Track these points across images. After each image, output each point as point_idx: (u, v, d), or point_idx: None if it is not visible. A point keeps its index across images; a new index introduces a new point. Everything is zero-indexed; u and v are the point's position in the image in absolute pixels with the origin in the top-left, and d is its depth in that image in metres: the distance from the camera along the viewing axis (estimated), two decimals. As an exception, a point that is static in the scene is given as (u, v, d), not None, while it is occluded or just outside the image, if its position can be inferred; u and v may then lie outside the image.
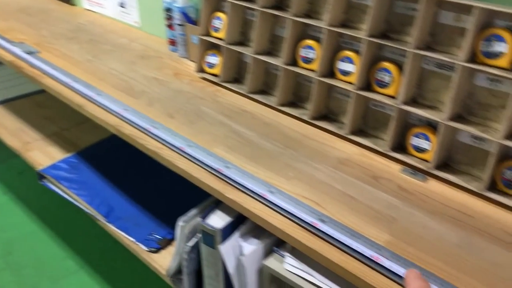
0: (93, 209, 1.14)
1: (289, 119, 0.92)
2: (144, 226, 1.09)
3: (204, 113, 0.94)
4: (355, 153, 0.81)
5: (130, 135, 0.86)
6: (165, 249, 1.04)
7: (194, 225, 0.80)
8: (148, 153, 0.84)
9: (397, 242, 0.61)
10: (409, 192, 0.71)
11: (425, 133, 0.75)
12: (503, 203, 0.67)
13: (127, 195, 1.19)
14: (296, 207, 0.66)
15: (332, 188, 0.72)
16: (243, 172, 0.74)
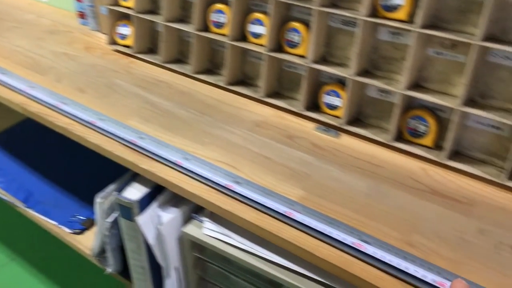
0: (11, 195, 1.08)
1: (206, 87, 0.91)
2: (66, 208, 1.05)
3: (117, 85, 0.90)
4: (271, 115, 0.82)
5: (38, 113, 0.81)
6: (90, 230, 1.02)
7: (112, 201, 0.78)
8: (58, 130, 0.80)
9: (310, 196, 0.62)
10: (322, 148, 0.72)
11: (335, 90, 0.76)
12: (409, 151, 0.70)
13: (47, 178, 1.14)
14: (211, 172, 0.66)
15: (248, 151, 0.72)
16: (158, 141, 0.72)
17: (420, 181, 0.65)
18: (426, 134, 0.69)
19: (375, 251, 0.52)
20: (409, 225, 0.57)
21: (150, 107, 0.83)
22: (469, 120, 0.67)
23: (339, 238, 0.54)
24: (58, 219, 1.02)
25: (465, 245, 0.54)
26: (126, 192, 0.72)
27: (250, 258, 0.63)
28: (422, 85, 0.70)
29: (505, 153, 0.64)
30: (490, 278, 0.49)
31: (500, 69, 0.63)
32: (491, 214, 0.59)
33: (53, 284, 1.33)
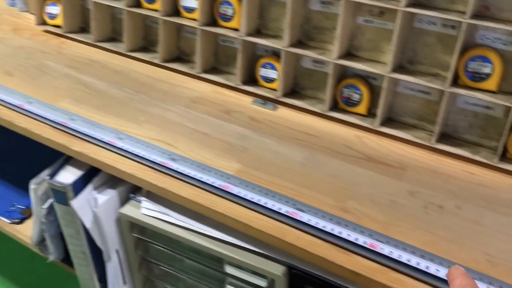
0: None
1: (141, 65, 0.88)
2: (3, 197, 1.01)
3: (47, 67, 0.87)
4: (208, 90, 0.80)
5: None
6: (30, 219, 0.98)
7: (46, 186, 0.75)
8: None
9: (247, 169, 0.62)
10: (260, 122, 0.72)
11: (271, 63, 0.76)
12: (344, 120, 0.71)
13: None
14: (147, 150, 0.64)
15: (184, 127, 0.71)
16: (90, 122, 0.70)
17: (354, 148, 0.66)
18: (360, 102, 0.70)
19: (309, 218, 0.53)
20: (344, 192, 0.58)
21: (83, 87, 0.80)
22: (399, 87, 0.68)
23: (274, 208, 0.54)
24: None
25: (396, 207, 0.55)
26: (59, 176, 0.69)
27: (189, 235, 0.62)
28: (354, 54, 0.71)
29: (434, 117, 0.66)
30: (418, 237, 0.51)
31: (426, 35, 0.64)
32: (421, 176, 0.61)
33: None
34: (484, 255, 0.49)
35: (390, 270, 0.48)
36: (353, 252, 0.50)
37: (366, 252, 0.49)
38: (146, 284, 0.74)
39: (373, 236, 0.50)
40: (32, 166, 1.08)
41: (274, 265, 0.57)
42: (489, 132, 0.64)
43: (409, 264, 0.47)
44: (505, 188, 0.60)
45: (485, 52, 0.60)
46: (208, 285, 0.67)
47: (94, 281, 0.77)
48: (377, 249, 0.49)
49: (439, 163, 0.63)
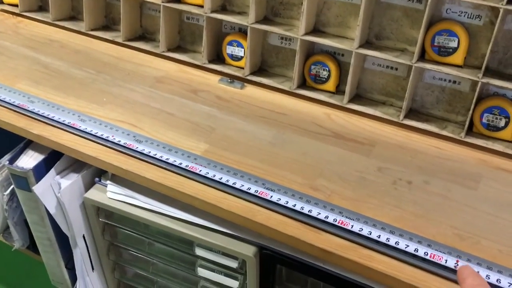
0: None
1: (103, 44, 0.85)
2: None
3: (3, 47, 0.82)
4: (173, 69, 0.78)
5: None
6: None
7: (7, 172, 0.72)
8: None
9: (214, 149, 0.61)
10: (227, 101, 0.71)
11: (238, 40, 0.74)
12: (313, 98, 0.70)
13: None
14: (110, 132, 0.62)
15: (149, 108, 0.69)
16: (50, 104, 0.67)
17: (323, 126, 0.66)
18: (328, 79, 0.69)
19: (279, 197, 0.52)
20: (313, 170, 0.57)
21: (42, 68, 0.77)
22: (367, 62, 0.68)
23: (243, 188, 0.53)
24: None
25: (366, 184, 0.55)
26: (19, 161, 0.67)
27: (158, 218, 0.60)
28: (321, 30, 0.70)
29: (402, 93, 0.66)
30: (387, 213, 0.51)
31: (392, 9, 0.64)
32: (390, 152, 0.61)
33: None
34: (452, 229, 0.50)
35: (360, 247, 0.47)
36: (323, 230, 0.49)
37: (336, 230, 0.49)
38: (115, 269, 0.73)
39: (343, 214, 0.50)
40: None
41: (245, 246, 0.56)
42: (456, 107, 0.65)
43: (378, 241, 0.47)
44: (472, 162, 0.60)
45: (451, 26, 0.60)
46: (179, 268, 0.66)
47: (61, 268, 0.75)
48: (347, 226, 0.49)
49: (407, 138, 0.63)
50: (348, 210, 0.51)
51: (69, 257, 0.73)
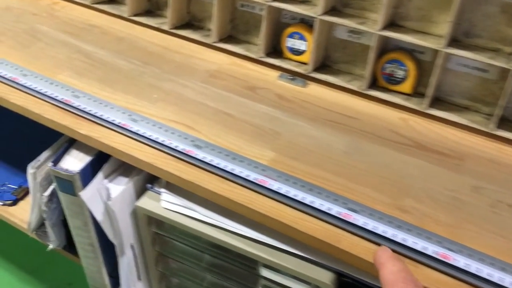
0: None
1: (147, 31, 0.78)
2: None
3: (40, 32, 0.76)
4: (226, 62, 0.71)
5: None
6: (24, 200, 0.90)
7: (47, 171, 0.67)
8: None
9: (283, 159, 0.54)
10: (289, 100, 0.64)
11: (300, 32, 0.67)
12: (386, 100, 0.63)
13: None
14: (166, 135, 0.56)
15: (204, 107, 0.62)
16: (97, 100, 0.61)
17: (401, 133, 0.59)
18: (405, 80, 0.62)
19: (365, 221, 0.46)
20: (398, 187, 0.51)
21: (83, 57, 0.71)
22: (450, 63, 0.60)
23: (323, 208, 0.47)
24: (-16, 190, 0.89)
25: (460, 206, 0.49)
26: (63, 162, 0.61)
27: (218, 233, 0.55)
28: (399, 24, 0.62)
29: (492, 98, 0.58)
30: (490, 243, 0.45)
31: (487, 4, 0.56)
32: (483, 168, 0.54)
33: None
34: None
35: (466, 285, 0.41)
36: (420, 262, 0.43)
37: (436, 264, 0.42)
38: (162, 279, 0.67)
39: (443, 244, 0.44)
40: (24, 141, 0.99)
41: (321, 271, 0.50)
42: (550, 116, 0.58)
43: (489, 279, 0.41)
44: None
45: (558, 26, 0.52)
46: (236, 285, 0.61)
47: (102, 274, 0.70)
48: (449, 260, 0.42)
49: (500, 152, 0.56)
50: (447, 240, 0.44)
51: (113, 264, 0.67)
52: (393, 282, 0.32)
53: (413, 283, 0.32)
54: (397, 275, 0.32)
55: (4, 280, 1.16)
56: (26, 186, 0.90)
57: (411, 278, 0.32)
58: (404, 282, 0.32)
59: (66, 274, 1.17)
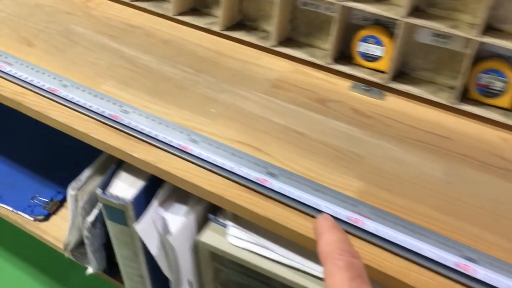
0: None
1: (194, 32, 0.70)
2: (22, 188, 0.85)
3: (76, 34, 0.68)
4: (289, 70, 0.63)
5: (-28, 80, 0.60)
6: (56, 214, 0.83)
7: (90, 192, 0.60)
8: (5, 102, 0.59)
9: (373, 189, 0.46)
10: (367, 116, 0.56)
11: (376, 36, 0.59)
12: (481, 116, 0.55)
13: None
14: (233, 160, 0.48)
15: (271, 124, 0.54)
16: (149, 116, 0.53)
17: (506, 157, 0.51)
18: (503, 93, 0.54)
19: (488, 274, 0.38)
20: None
21: (127, 64, 0.63)
22: (560, 74, 0.52)
23: (437, 257, 0.40)
24: (14, 204, 0.82)
25: None
26: (113, 187, 0.54)
27: (296, 276, 0.47)
28: (497, 28, 0.54)
29: None
30: None
31: None
32: None
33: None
34: None
35: None
36: None
37: None
38: (220, 315, 0.61)
39: None
40: (52, 148, 0.92)
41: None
42: None
43: None
44: None
45: None
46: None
47: (151, 307, 0.63)
48: None
49: None
50: None
51: (164, 296, 0.61)
52: (329, 252, 0.29)
53: (349, 254, 0.29)
54: (333, 246, 0.30)
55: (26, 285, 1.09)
56: (59, 199, 0.83)
57: (348, 248, 0.30)
58: (340, 253, 0.29)
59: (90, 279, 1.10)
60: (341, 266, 0.28)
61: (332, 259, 0.29)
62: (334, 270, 0.28)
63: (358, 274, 0.28)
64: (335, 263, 0.29)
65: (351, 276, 0.28)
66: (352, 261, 0.29)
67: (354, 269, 0.28)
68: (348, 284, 0.27)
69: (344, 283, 0.27)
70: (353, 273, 0.28)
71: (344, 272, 0.28)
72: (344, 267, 0.28)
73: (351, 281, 0.27)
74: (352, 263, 0.29)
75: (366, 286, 0.28)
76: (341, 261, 0.28)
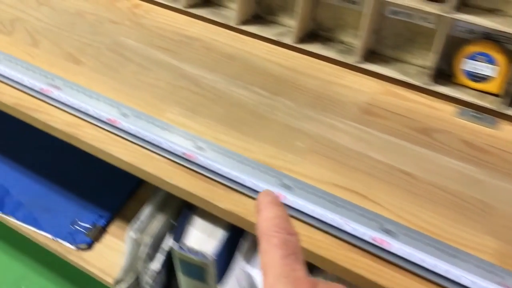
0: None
1: (262, 45, 0.61)
2: (60, 211, 0.77)
3: (127, 48, 0.60)
4: (378, 91, 0.55)
5: (15, 104, 0.52)
6: (99, 241, 0.75)
7: (154, 235, 0.52)
8: (56, 134, 0.51)
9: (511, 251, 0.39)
10: (484, 150, 0.48)
11: (487, 53, 0.50)
12: None
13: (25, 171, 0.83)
14: (336, 210, 0.40)
15: (370, 161, 0.46)
16: (227, 153, 0.45)
17: None
18: None
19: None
20: None
21: (191, 85, 0.55)
22: None
23: None
24: (53, 230, 0.75)
25: None
26: (187, 237, 0.46)
27: None
28: None
29: None
30: None
31: None
32: None
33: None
34: None
35: None
36: None
37: None
38: None
39: None
40: (92, 168, 0.84)
41: None
42: None
43: None
44: None
45: None
46: None
47: None
48: None
49: None
50: None
51: None
52: (265, 229, 0.29)
53: (285, 231, 0.29)
54: (270, 223, 0.29)
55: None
56: (102, 225, 0.76)
57: (284, 225, 0.29)
58: (276, 230, 0.29)
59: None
60: (275, 244, 0.28)
61: (268, 237, 0.28)
62: (268, 248, 0.28)
63: (292, 251, 0.28)
64: (270, 240, 0.28)
65: (284, 254, 0.27)
66: (287, 238, 0.28)
67: (288, 246, 0.28)
68: (280, 262, 0.27)
69: (276, 260, 0.27)
70: (287, 251, 0.28)
71: (277, 249, 0.28)
72: (278, 244, 0.28)
73: (284, 258, 0.27)
74: (287, 240, 0.28)
75: (298, 263, 0.27)
76: (276, 238, 0.28)
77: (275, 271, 0.27)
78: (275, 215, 0.30)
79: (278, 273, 0.27)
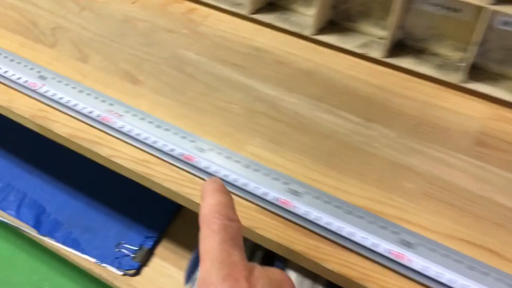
0: (13, 217, 0.73)
1: (344, 59, 0.53)
2: (102, 232, 0.71)
3: (189, 63, 0.52)
4: (488, 116, 0.47)
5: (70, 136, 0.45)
6: (147, 265, 0.69)
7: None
8: (125, 173, 0.44)
9: None
10: None
11: None
12: None
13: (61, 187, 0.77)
14: (470, 275, 0.34)
15: (498, 208, 0.39)
16: (322, 196, 0.38)
17: None
18: None
19: None
20: None
21: (269, 109, 0.47)
22: None
23: None
24: (97, 254, 0.69)
25: None
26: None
27: None
28: None
29: None
30: None
31: None
32: None
33: None
34: None
35: None
36: None
37: None
38: None
39: None
40: (136, 183, 0.76)
41: None
42: None
43: None
44: None
45: None
46: None
47: None
48: None
49: None
50: None
51: None
52: (206, 216, 0.29)
53: (225, 217, 0.29)
54: (211, 209, 0.29)
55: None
56: (148, 247, 0.69)
57: (225, 212, 0.29)
58: (216, 216, 0.29)
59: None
60: (215, 229, 0.28)
61: (208, 223, 0.29)
62: (208, 233, 0.28)
63: (230, 236, 0.28)
64: (210, 226, 0.28)
65: (222, 239, 0.28)
66: (226, 224, 0.28)
67: (227, 232, 0.28)
68: (218, 247, 0.27)
69: (214, 246, 0.27)
70: (225, 236, 0.28)
71: (216, 235, 0.28)
72: (217, 230, 0.28)
73: (222, 243, 0.27)
74: (227, 226, 0.28)
75: (236, 248, 0.28)
76: (216, 224, 0.28)
77: (211, 256, 0.27)
78: (218, 202, 0.30)
79: (215, 258, 0.27)
